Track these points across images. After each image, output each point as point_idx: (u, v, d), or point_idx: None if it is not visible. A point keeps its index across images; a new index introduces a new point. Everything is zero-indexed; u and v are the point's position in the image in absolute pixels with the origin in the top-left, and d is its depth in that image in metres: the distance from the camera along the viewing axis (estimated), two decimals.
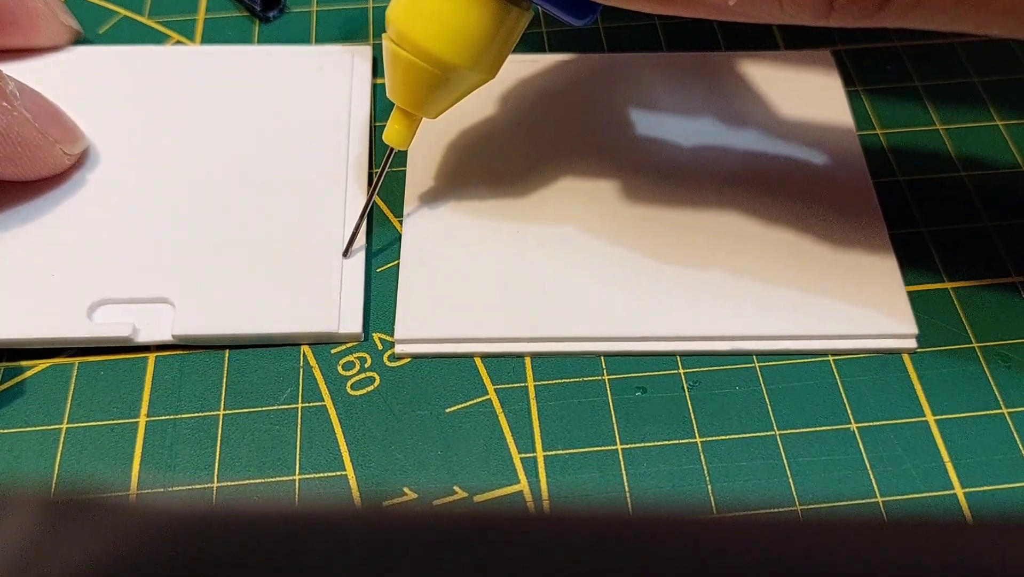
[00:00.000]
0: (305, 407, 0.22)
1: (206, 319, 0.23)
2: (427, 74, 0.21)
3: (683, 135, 0.27)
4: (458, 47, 0.21)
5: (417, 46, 0.21)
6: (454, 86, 0.22)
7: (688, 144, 0.26)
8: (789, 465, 0.21)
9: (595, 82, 0.28)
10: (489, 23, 0.21)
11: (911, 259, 0.24)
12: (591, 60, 0.29)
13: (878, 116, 0.28)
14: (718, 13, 0.18)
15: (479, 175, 0.26)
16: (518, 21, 0.21)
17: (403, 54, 0.21)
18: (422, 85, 0.21)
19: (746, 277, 0.24)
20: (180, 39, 0.30)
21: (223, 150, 0.26)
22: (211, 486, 0.21)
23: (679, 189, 0.25)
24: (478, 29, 0.21)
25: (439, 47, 0.21)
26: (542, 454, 0.21)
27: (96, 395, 0.22)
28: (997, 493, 0.21)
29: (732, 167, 0.26)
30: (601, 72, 0.28)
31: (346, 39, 0.30)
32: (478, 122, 0.27)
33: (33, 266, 0.23)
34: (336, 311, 0.23)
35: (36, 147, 0.23)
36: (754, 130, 0.27)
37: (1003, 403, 0.22)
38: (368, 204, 0.24)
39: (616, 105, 0.27)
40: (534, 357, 0.23)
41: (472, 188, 0.26)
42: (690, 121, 0.27)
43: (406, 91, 0.22)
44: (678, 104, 0.27)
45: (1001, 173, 0.27)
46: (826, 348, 0.23)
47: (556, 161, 0.26)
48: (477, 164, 0.26)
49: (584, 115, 0.27)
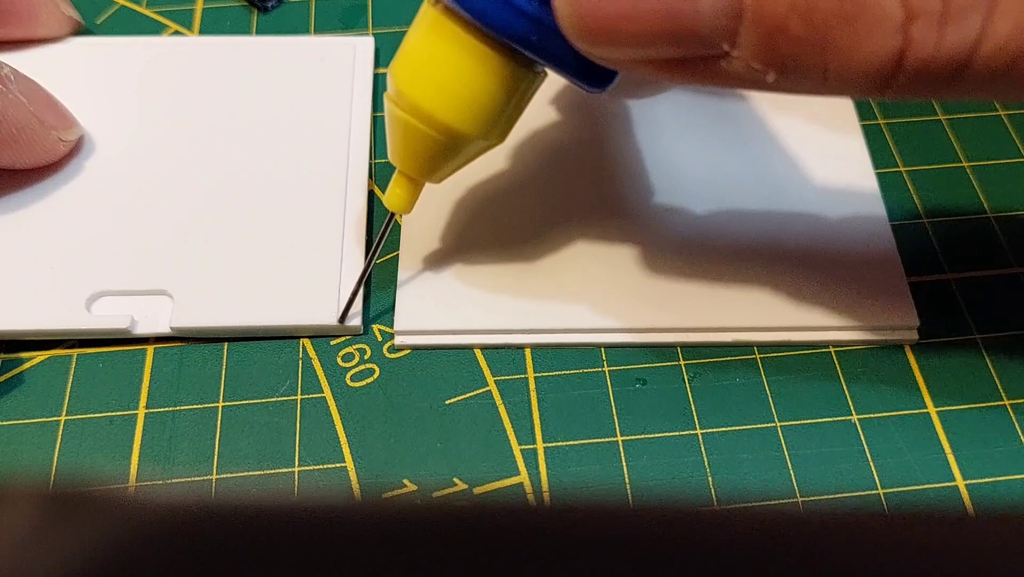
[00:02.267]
0: (304, 399, 0.22)
1: (204, 311, 0.23)
2: (432, 141, 0.19)
3: (684, 130, 0.27)
4: (467, 114, 0.19)
5: (422, 111, 0.19)
6: (461, 153, 0.20)
7: (688, 138, 0.26)
8: (790, 457, 0.21)
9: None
10: (501, 90, 0.19)
11: (913, 250, 0.24)
12: None
13: (881, 106, 0.28)
14: (757, 87, 0.16)
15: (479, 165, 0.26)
16: (531, 86, 0.19)
17: (406, 118, 0.19)
18: (426, 152, 0.20)
19: (747, 268, 0.24)
20: (178, 28, 0.29)
21: (223, 141, 0.26)
22: (210, 478, 0.21)
23: (680, 182, 0.25)
24: (489, 96, 0.19)
25: (447, 114, 0.19)
26: (542, 446, 0.21)
27: (95, 387, 0.22)
28: (998, 485, 0.21)
29: (733, 159, 0.26)
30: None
31: (345, 28, 0.30)
32: None
33: (31, 257, 0.23)
34: (335, 304, 0.23)
35: (31, 132, 0.23)
36: (755, 123, 0.27)
37: (1005, 395, 0.22)
38: (367, 270, 0.23)
39: (617, 106, 0.27)
40: (534, 348, 0.23)
41: (472, 178, 0.25)
42: (691, 117, 0.27)
43: (408, 157, 0.20)
44: (679, 103, 0.27)
45: (1004, 163, 0.26)
46: (827, 339, 0.23)
47: (557, 152, 0.26)
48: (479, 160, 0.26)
49: (585, 111, 0.27)
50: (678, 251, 0.24)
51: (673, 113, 0.27)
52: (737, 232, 0.24)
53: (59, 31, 0.28)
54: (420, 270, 0.24)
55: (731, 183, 0.25)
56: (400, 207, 0.21)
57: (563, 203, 0.25)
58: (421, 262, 0.24)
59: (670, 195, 0.25)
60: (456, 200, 0.25)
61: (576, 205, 0.25)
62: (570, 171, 0.26)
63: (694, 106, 0.27)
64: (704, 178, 0.25)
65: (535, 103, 0.20)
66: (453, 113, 0.19)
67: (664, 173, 0.26)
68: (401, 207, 0.21)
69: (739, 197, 0.25)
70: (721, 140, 0.26)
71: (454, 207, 0.25)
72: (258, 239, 0.24)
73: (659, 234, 0.24)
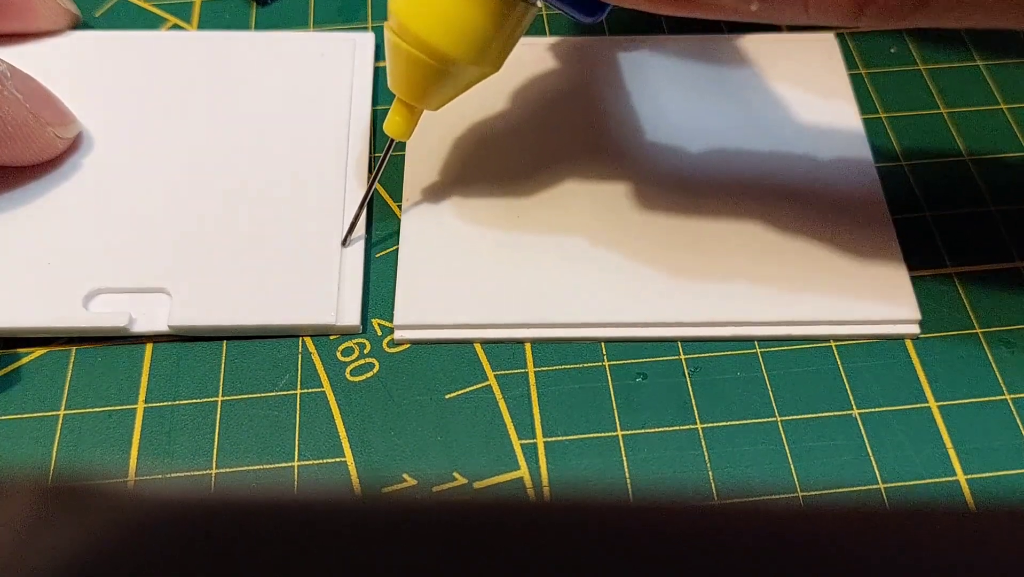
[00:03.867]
0: (304, 393, 0.22)
1: (203, 310, 0.23)
2: (429, 67, 0.21)
3: (684, 120, 0.26)
4: (461, 41, 0.20)
5: (419, 39, 0.20)
6: (456, 80, 0.21)
7: (689, 130, 0.26)
8: (790, 451, 0.21)
9: (596, 66, 0.28)
10: (494, 18, 0.20)
11: (914, 244, 0.24)
12: (592, 43, 0.28)
13: (881, 99, 0.28)
14: (739, 16, 0.17)
15: (479, 160, 0.26)
16: (524, 16, 0.21)
17: (404, 47, 0.21)
18: (423, 78, 0.21)
19: (748, 262, 0.23)
20: (177, 22, 0.29)
21: (222, 138, 0.26)
22: (210, 472, 0.21)
23: (680, 175, 0.25)
24: (482, 23, 0.20)
25: (441, 41, 0.20)
26: (542, 440, 0.21)
27: (94, 382, 0.22)
28: (1000, 480, 0.21)
29: (734, 152, 0.26)
30: (602, 56, 0.28)
31: (345, 21, 0.29)
32: (477, 107, 0.27)
33: (28, 254, 0.23)
34: (334, 302, 0.23)
35: (27, 128, 0.23)
36: (756, 114, 0.27)
37: (1006, 389, 0.22)
38: (368, 194, 0.24)
39: (617, 89, 0.27)
40: (534, 343, 0.23)
41: (472, 173, 0.25)
42: (691, 106, 0.27)
43: (407, 83, 0.21)
44: (679, 89, 0.27)
45: (1005, 157, 0.26)
46: (828, 333, 0.23)
47: (556, 147, 0.26)
48: (477, 149, 0.26)
49: (585, 100, 0.27)
50: (678, 245, 0.24)
51: (676, 107, 0.27)
52: (738, 226, 0.24)
53: (56, 24, 0.28)
54: (420, 264, 0.24)
55: (732, 178, 0.25)
56: (398, 133, 0.22)
57: (563, 198, 0.25)
58: (421, 256, 0.24)
59: (671, 190, 0.25)
60: (456, 194, 0.25)
61: (576, 199, 0.25)
62: (569, 166, 0.25)
63: (700, 98, 0.27)
64: (706, 174, 0.25)
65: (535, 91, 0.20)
66: (447, 39, 0.20)
67: (665, 170, 0.25)
68: (399, 133, 0.22)
69: (740, 191, 0.25)
70: (724, 135, 0.26)
71: (454, 202, 0.25)
72: (257, 237, 0.24)
73: (660, 228, 0.24)
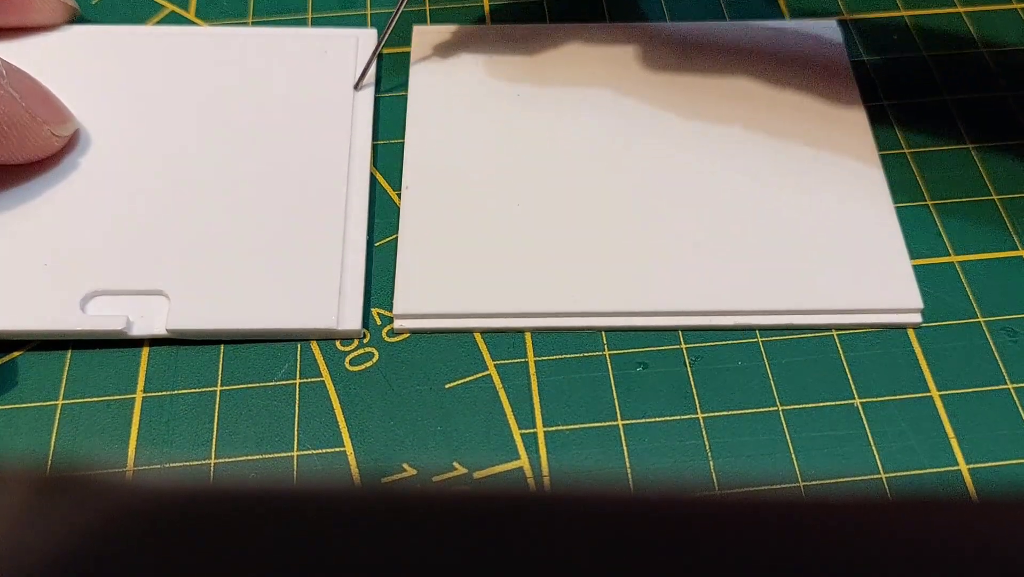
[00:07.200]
0: (303, 383, 0.22)
1: (201, 313, 0.22)
2: None
3: (687, 107, 0.26)
4: None
5: None
6: None
7: (691, 116, 0.26)
8: (792, 441, 0.21)
9: (597, 52, 0.28)
10: None
11: (917, 232, 0.24)
12: (593, 30, 0.28)
13: (884, 87, 0.27)
14: None
15: (478, 148, 0.26)
16: None
17: None
18: None
19: (749, 250, 0.23)
20: (175, 9, 0.29)
21: (223, 138, 0.25)
22: (208, 463, 0.21)
23: (681, 162, 0.25)
24: None
25: None
26: (542, 430, 0.21)
27: (92, 371, 0.22)
28: (1002, 469, 0.21)
29: (736, 139, 0.26)
30: (603, 42, 0.28)
31: (343, 8, 0.29)
32: (477, 95, 0.27)
33: (24, 255, 0.23)
34: (335, 307, 0.22)
35: (23, 127, 0.23)
36: (759, 101, 0.26)
37: (1008, 378, 0.22)
38: (382, 40, 0.26)
39: (618, 76, 0.27)
40: (534, 332, 0.23)
41: (471, 161, 0.25)
42: (694, 93, 0.27)
43: None
44: (682, 75, 0.27)
45: (1007, 145, 0.26)
46: (830, 323, 0.23)
47: (557, 134, 0.26)
48: (476, 137, 0.26)
49: (586, 86, 0.27)
50: (679, 234, 0.24)
51: (679, 93, 0.27)
52: (739, 215, 0.24)
53: (54, 18, 0.27)
54: (419, 253, 0.23)
55: (734, 166, 0.25)
56: None
57: (564, 187, 0.25)
58: (420, 245, 0.24)
59: (672, 178, 0.25)
60: (455, 183, 0.25)
61: (576, 188, 0.25)
62: (571, 155, 0.25)
63: (703, 85, 0.27)
64: (707, 161, 0.25)
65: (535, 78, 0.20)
66: None
67: (666, 157, 0.25)
68: None
69: (742, 180, 0.25)
70: (727, 121, 0.26)
71: (453, 190, 0.25)
72: (257, 239, 0.23)
73: (661, 216, 0.24)
